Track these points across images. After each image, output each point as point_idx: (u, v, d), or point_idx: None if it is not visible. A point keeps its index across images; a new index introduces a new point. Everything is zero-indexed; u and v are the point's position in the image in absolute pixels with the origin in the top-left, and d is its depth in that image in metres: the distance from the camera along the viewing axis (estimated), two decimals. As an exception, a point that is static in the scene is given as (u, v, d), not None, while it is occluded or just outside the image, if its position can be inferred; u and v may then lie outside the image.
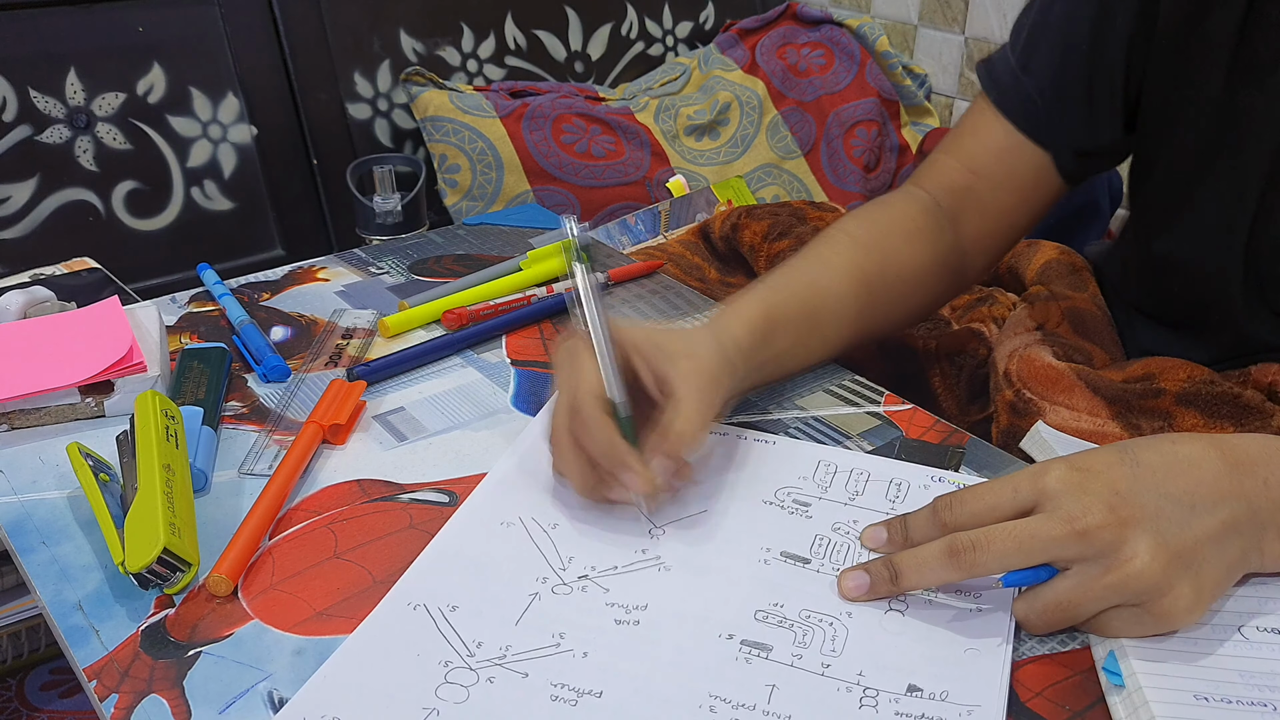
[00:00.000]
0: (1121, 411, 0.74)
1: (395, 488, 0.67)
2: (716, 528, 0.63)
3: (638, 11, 1.93)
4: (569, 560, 0.61)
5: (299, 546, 0.62)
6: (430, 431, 0.73)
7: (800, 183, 1.86)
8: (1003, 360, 0.82)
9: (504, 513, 0.64)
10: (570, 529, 0.63)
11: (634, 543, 0.62)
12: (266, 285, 0.93)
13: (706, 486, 0.67)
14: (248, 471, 0.68)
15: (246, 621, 0.57)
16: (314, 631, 0.56)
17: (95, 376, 0.72)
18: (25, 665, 1.38)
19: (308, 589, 0.59)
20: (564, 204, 1.68)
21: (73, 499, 0.65)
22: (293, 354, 0.82)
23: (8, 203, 1.46)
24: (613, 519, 0.64)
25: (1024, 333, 0.86)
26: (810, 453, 0.70)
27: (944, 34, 1.91)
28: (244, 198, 1.63)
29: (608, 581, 0.59)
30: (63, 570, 0.60)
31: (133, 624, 0.56)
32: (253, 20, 1.59)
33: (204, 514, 0.64)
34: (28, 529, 0.64)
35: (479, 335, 0.84)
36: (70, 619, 0.57)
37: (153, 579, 0.57)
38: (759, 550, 0.61)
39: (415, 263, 0.97)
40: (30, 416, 0.72)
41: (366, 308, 0.89)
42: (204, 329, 0.86)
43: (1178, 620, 0.53)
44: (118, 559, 0.58)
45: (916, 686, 0.52)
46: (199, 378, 0.75)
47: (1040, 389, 0.77)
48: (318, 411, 0.71)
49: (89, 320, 0.79)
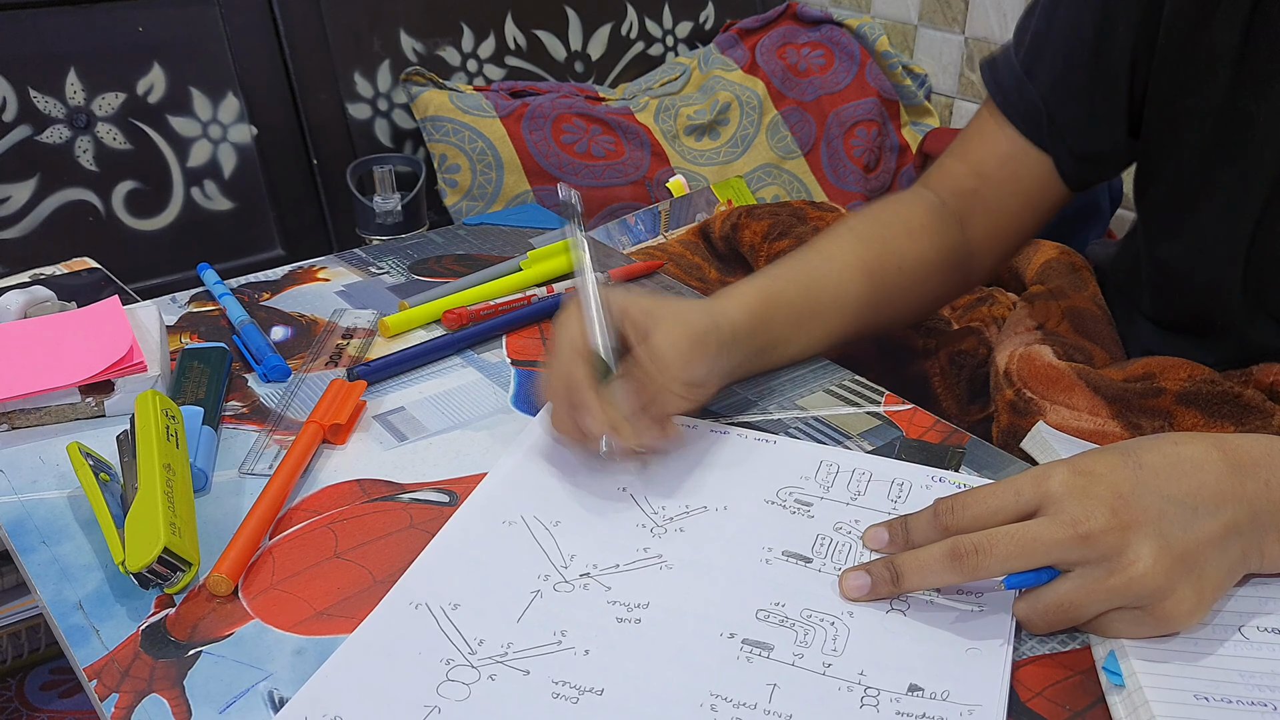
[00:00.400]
0: (1122, 411, 0.74)
1: (395, 487, 0.67)
2: (718, 527, 0.63)
3: (638, 11, 1.93)
4: (571, 558, 0.61)
5: (299, 546, 0.62)
6: (430, 431, 0.73)
7: (800, 183, 1.86)
8: (1003, 359, 0.82)
9: (506, 511, 0.64)
10: (572, 527, 0.63)
11: (636, 541, 0.62)
12: (267, 285, 0.93)
13: (708, 485, 0.67)
14: (248, 471, 0.68)
15: (247, 621, 0.57)
16: (314, 631, 0.56)
17: (95, 376, 0.72)
18: (25, 665, 1.38)
19: (308, 589, 0.59)
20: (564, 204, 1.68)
21: (73, 499, 0.65)
22: (293, 354, 0.82)
23: (8, 203, 1.46)
24: (615, 517, 0.64)
25: (1024, 332, 0.86)
26: (812, 453, 0.70)
27: (944, 34, 1.91)
28: (244, 198, 1.63)
29: (609, 579, 0.59)
30: (63, 570, 0.60)
31: (133, 623, 0.56)
32: (253, 20, 1.59)
33: (204, 514, 0.64)
34: (28, 529, 0.63)
35: (479, 335, 0.84)
36: (70, 618, 0.57)
37: (153, 578, 0.57)
38: (761, 549, 0.61)
39: (415, 263, 0.97)
40: (30, 416, 0.72)
41: (367, 308, 0.89)
42: (204, 329, 0.86)
43: (1179, 623, 0.53)
44: (118, 558, 0.58)
45: (918, 686, 0.52)
46: (199, 378, 0.74)
47: (1040, 388, 0.77)
48: (318, 411, 0.71)
49: (89, 320, 0.78)
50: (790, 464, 0.69)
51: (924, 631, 0.56)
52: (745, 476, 0.68)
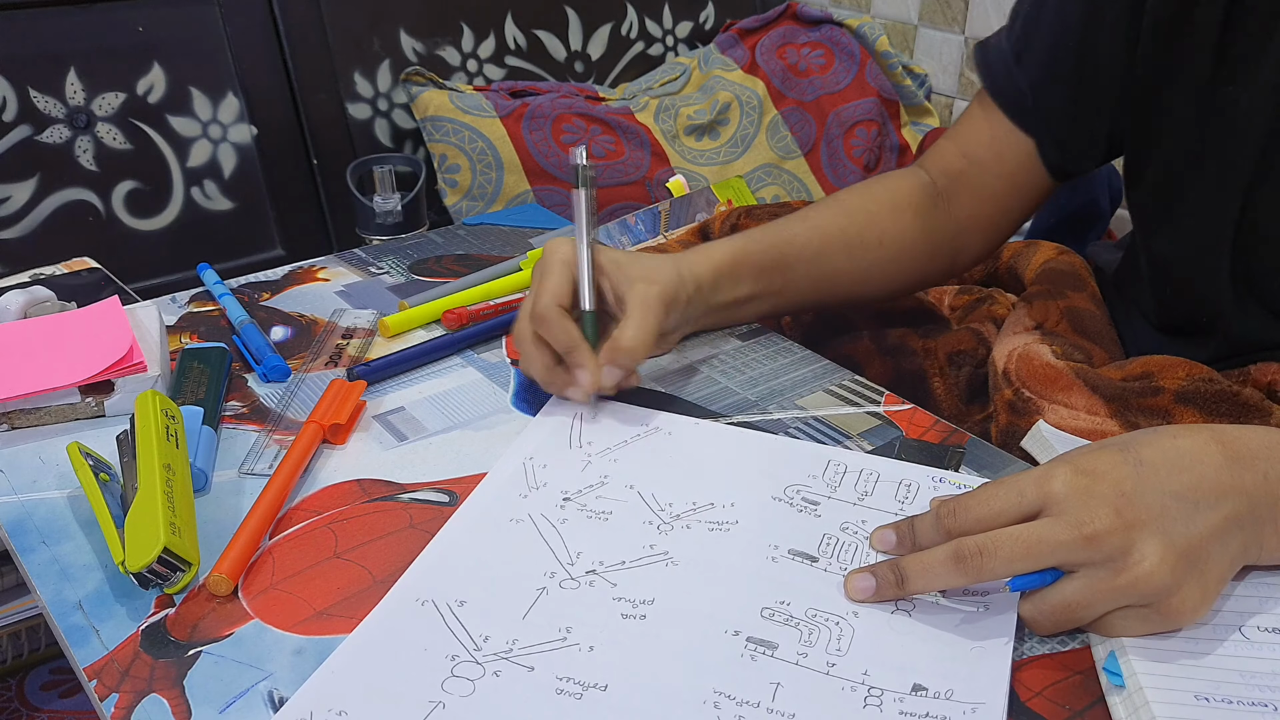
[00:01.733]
0: (1120, 410, 0.74)
1: (395, 487, 0.67)
2: (725, 524, 0.63)
3: (638, 11, 1.93)
4: (577, 555, 0.61)
5: (299, 546, 0.62)
6: (430, 431, 0.73)
7: (800, 183, 1.86)
8: (1001, 359, 0.82)
9: (512, 509, 0.64)
10: (579, 524, 0.63)
11: (643, 538, 0.62)
12: (267, 285, 0.93)
13: (715, 482, 0.67)
14: (248, 471, 0.68)
15: (247, 621, 0.57)
16: (314, 631, 0.56)
17: (95, 376, 0.72)
18: (25, 665, 1.38)
19: (308, 588, 0.59)
20: (564, 204, 1.68)
21: (73, 499, 0.65)
22: (293, 354, 0.82)
23: (8, 203, 1.46)
24: (621, 515, 0.64)
25: (1023, 332, 0.86)
26: (820, 452, 0.70)
27: (944, 34, 1.91)
28: (244, 198, 1.63)
29: (615, 576, 0.59)
30: (63, 570, 0.60)
31: (133, 624, 0.56)
32: (253, 20, 1.59)
33: (204, 514, 0.64)
34: (28, 529, 0.63)
35: (479, 335, 0.84)
36: (70, 618, 0.57)
37: (153, 579, 0.57)
38: (767, 547, 0.61)
39: (415, 263, 0.97)
40: (30, 416, 0.72)
41: (367, 308, 0.89)
42: (204, 329, 0.86)
43: (1185, 618, 0.53)
44: (118, 558, 0.58)
45: (921, 686, 0.52)
46: (199, 377, 0.74)
47: (1039, 387, 0.77)
48: (318, 411, 0.71)
49: (89, 320, 0.78)
50: (798, 462, 0.69)
51: (928, 632, 0.56)
52: (753, 474, 0.68)
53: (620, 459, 0.69)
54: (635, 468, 0.68)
